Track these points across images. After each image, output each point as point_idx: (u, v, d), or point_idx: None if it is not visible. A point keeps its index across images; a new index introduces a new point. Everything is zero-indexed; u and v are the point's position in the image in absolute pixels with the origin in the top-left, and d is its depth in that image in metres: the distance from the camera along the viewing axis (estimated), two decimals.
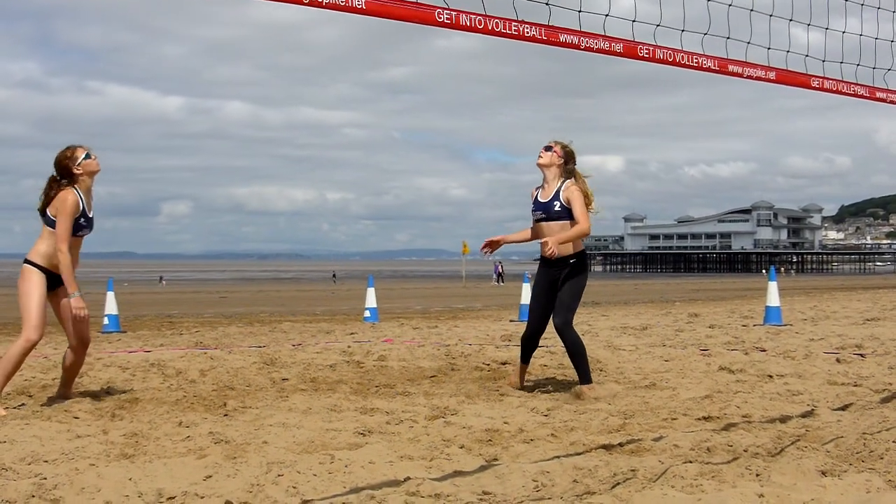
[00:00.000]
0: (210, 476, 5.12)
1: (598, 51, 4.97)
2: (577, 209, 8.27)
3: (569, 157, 8.58)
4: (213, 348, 12.86)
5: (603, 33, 4.98)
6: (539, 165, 8.58)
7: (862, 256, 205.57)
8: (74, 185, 7.86)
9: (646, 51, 5.14)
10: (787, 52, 5.83)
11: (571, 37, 4.85)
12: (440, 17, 4.39)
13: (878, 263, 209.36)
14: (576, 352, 8.40)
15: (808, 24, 6.11)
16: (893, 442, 5.52)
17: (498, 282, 73.35)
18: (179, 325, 20.23)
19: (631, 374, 9.62)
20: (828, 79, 6.07)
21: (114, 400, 8.19)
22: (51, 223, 7.77)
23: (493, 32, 4.56)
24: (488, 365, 10.57)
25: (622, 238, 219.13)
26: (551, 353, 11.56)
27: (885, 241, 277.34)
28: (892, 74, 6.53)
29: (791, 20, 5.99)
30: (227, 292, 53.02)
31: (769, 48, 5.74)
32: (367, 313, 20.49)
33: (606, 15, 4.99)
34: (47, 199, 7.86)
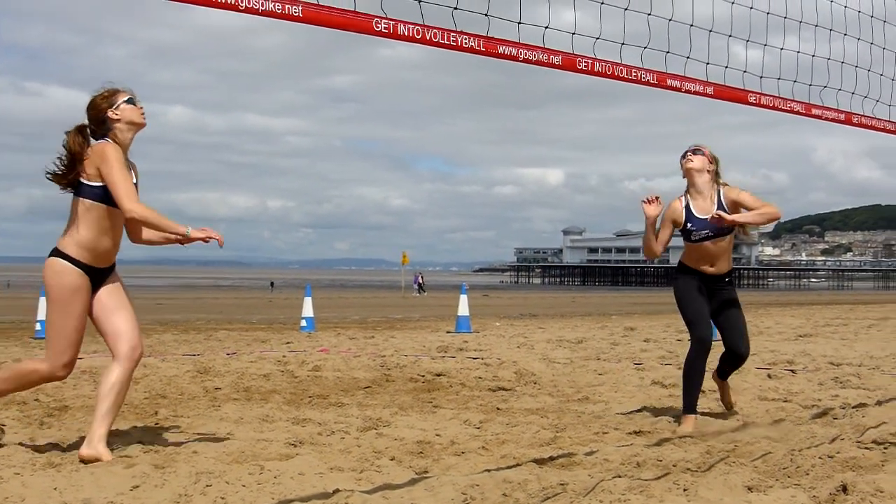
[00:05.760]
0: (137, 486, 5.07)
1: (537, 63, 4.98)
2: (753, 200, 7.32)
3: (715, 161, 7.59)
4: (146, 356, 12.71)
5: (542, 45, 4.99)
6: (690, 171, 7.49)
7: (797, 273, 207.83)
8: (107, 136, 5.99)
9: (584, 63, 5.16)
10: (726, 67, 5.89)
11: (510, 48, 4.85)
12: (378, 27, 4.38)
13: (813, 280, 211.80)
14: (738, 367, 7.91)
15: (748, 41, 6.19)
16: (820, 458, 5.58)
17: (419, 292, 73.18)
18: None
19: (565, 388, 9.64)
20: (765, 95, 6.13)
21: (42, 407, 8.08)
22: (89, 192, 5.84)
23: (431, 43, 4.55)
24: (423, 376, 10.56)
25: (561, 251, 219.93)
26: (486, 366, 11.58)
27: (820, 258, 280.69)
28: (828, 92, 6.62)
29: (730, 36, 6.06)
30: (164, 299, 52.47)
31: (708, 63, 5.80)
32: (303, 322, 20.39)
33: (546, 27, 5.01)
34: (71, 160, 5.90)
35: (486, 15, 4.75)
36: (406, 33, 4.45)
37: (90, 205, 5.85)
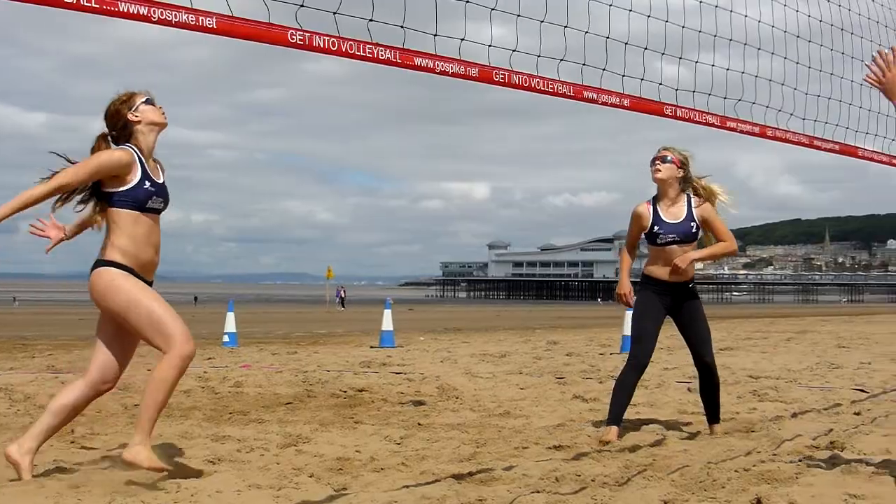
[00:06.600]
0: None
1: (454, 75, 4.96)
2: (721, 228, 7.53)
3: (684, 165, 7.60)
4: (65, 372, 12.52)
5: (459, 58, 4.98)
6: (658, 181, 7.56)
7: (720, 286, 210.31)
8: (130, 141, 5.76)
9: (501, 76, 5.16)
10: (642, 80, 5.93)
11: (427, 60, 4.83)
12: (293, 38, 4.34)
13: (735, 293, 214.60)
14: (719, 388, 7.81)
15: (663, 54, 6.24)
16: (736, 471, 5.62)
17: (340, 306, 73.35)
18: (32, 347, 19.63)
19: (486, 402, 9.63)
20: (680, 107, 6.18)
21: None
22: (111, 198, 5.63)
23: (347, 54, 4.52)
24: (345, 392, 10.48)
25: (486, 265, 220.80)
26: (409, 381, 11.54)
27: (742, 272, 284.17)
28: (743, 105, 6.69)
29: (646, 49, 6.10)
30: (86, 314, 51.75)
31: (624, 76, 5.83)
32: (225, 338, 20.20)
33: (462, 39, 5.00)
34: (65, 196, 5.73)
35: (402, 27, 4.74)
36: (321, 45, 4.42)
37: (117, 211, 5.62)
